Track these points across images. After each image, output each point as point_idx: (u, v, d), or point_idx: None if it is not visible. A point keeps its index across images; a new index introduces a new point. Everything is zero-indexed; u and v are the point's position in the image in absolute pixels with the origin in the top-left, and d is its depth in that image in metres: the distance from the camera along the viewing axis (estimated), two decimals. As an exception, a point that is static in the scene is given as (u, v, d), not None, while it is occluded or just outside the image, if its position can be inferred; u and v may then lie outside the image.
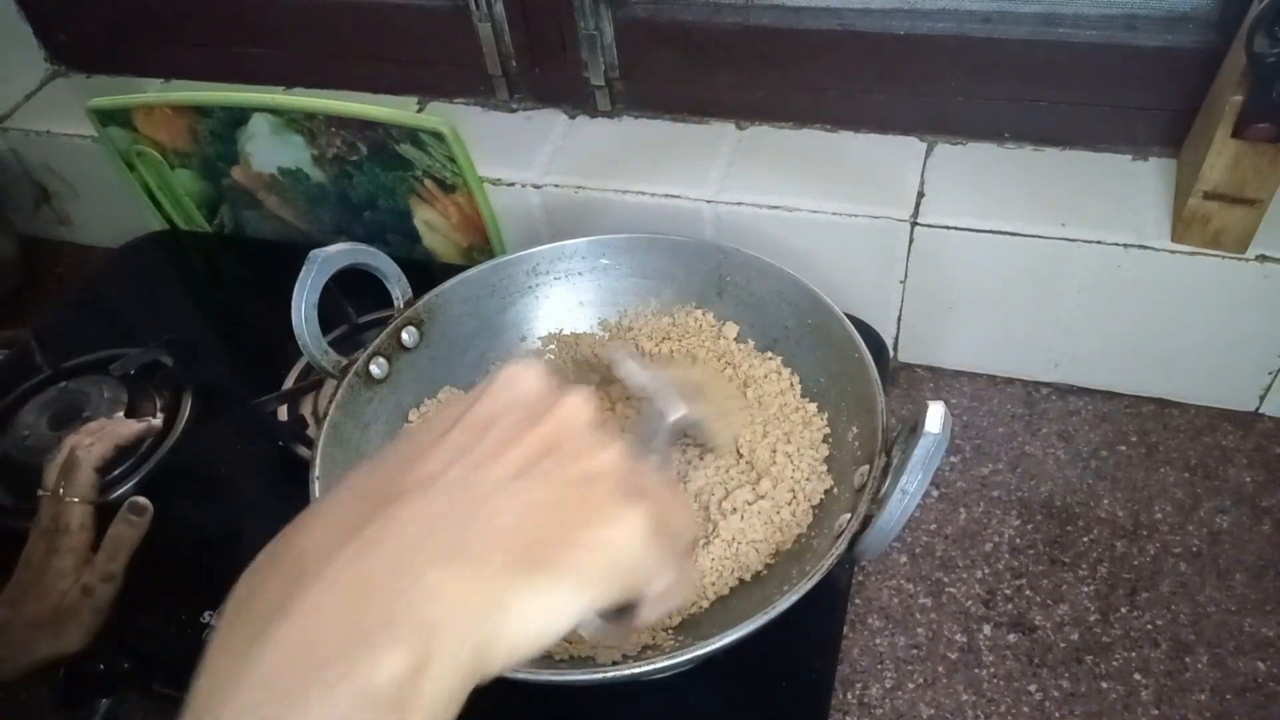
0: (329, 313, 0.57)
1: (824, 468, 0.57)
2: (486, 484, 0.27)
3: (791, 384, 0.61)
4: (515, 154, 0.75)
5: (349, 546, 0.25)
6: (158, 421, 0.69)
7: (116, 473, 0.65)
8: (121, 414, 0.69)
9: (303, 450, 0.67)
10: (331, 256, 0.56)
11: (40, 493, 0.59)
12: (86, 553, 0.57)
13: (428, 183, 0.74)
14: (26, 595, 0.55)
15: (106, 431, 0.64)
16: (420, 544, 0.25)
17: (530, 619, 0.25)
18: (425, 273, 0.64)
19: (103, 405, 0.69)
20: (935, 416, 0.43)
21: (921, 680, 0.56)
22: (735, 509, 0.55)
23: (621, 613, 0.29)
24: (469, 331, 0.64)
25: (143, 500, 0.59)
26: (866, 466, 0.50)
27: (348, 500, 0.27)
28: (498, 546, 0.25)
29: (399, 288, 0.61)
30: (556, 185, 0.72)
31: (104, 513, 0.59)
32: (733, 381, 0.61)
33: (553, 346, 0.65)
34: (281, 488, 0.66)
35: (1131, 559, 0.60)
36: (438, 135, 0.69)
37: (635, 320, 0.67)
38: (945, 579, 0.61)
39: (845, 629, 0.58)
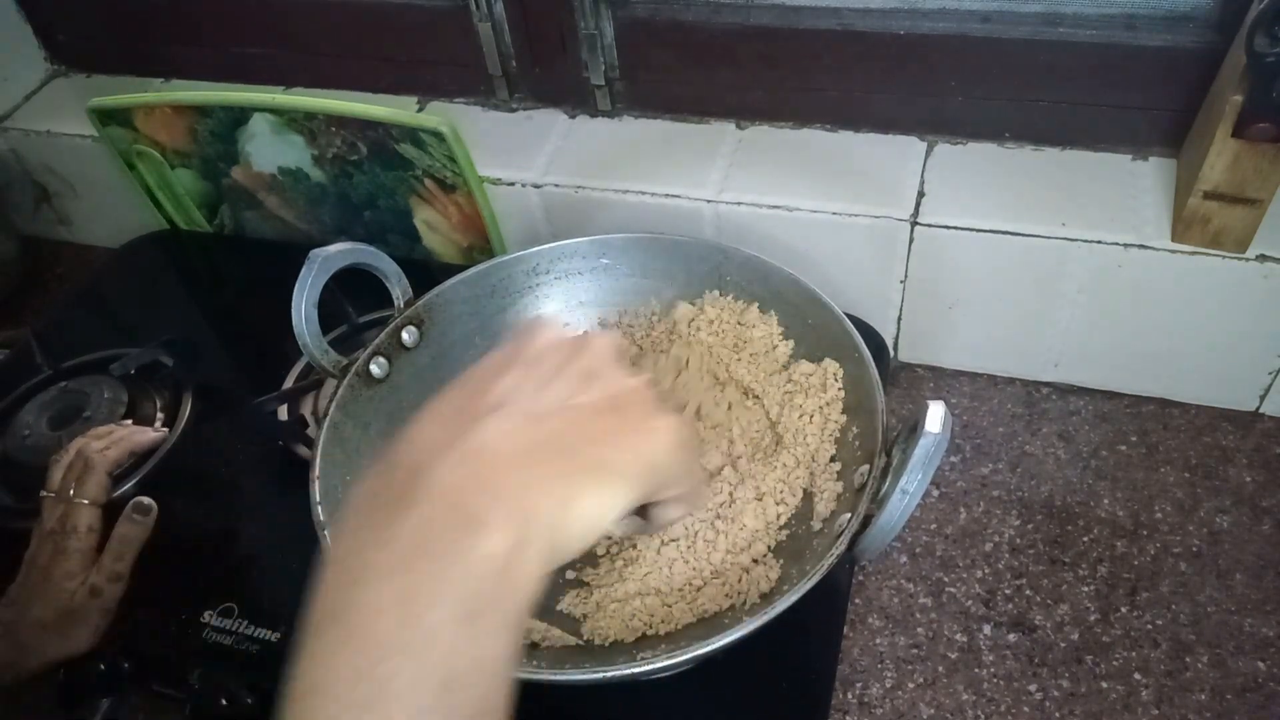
0: (329, 312, 0.57)
1: (824, 467, 0.57)
2: (546, 406, 0.33)
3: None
4: (515, 154, 0.75)
5: (450, 455, 0.30)
6: (167, 430, 0.68)
7: (117, 473, 0.65)
8: (124, 415, 0.69)
9: (303, 450, 0.67)
10: (331, 256, 0.56)
11: (44, 494, 0.59)
12: (93, 554, 0.57)
13: (428, 182, 0.74)
14: (33, 597, 0.55)
15: (120, 437, 0.64)
16: (507, 452, 0.30)
17: (592, 508, 0.31)
18: (425, 272, 0.64)
19: (103, 405, 0.69)
20: (935, 416, 0.43)
21: (921, 680, 0.56)
22: (740, 508, 0.56)
23: (645, 511, 0.36)
24: (469, 331, 0.64)
25: (147, 500, 0.59)
26: (866, 466, 0.50)
27: (438, 422, 0.32)
28: (563, 454, 0.31)
29: (399, 287, 0.61)
30: (556, 185, 0.72)
31: (106, 513, 0.59)
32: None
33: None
34: (281, 487, 0.66)
35: (1131, 559, 0.60)
36: (438, 135, 0.69)
37: (635, 320, 0.67)
38: (945, 579, 0.61)
39: (845, 629, 0.58)
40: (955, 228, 0.64)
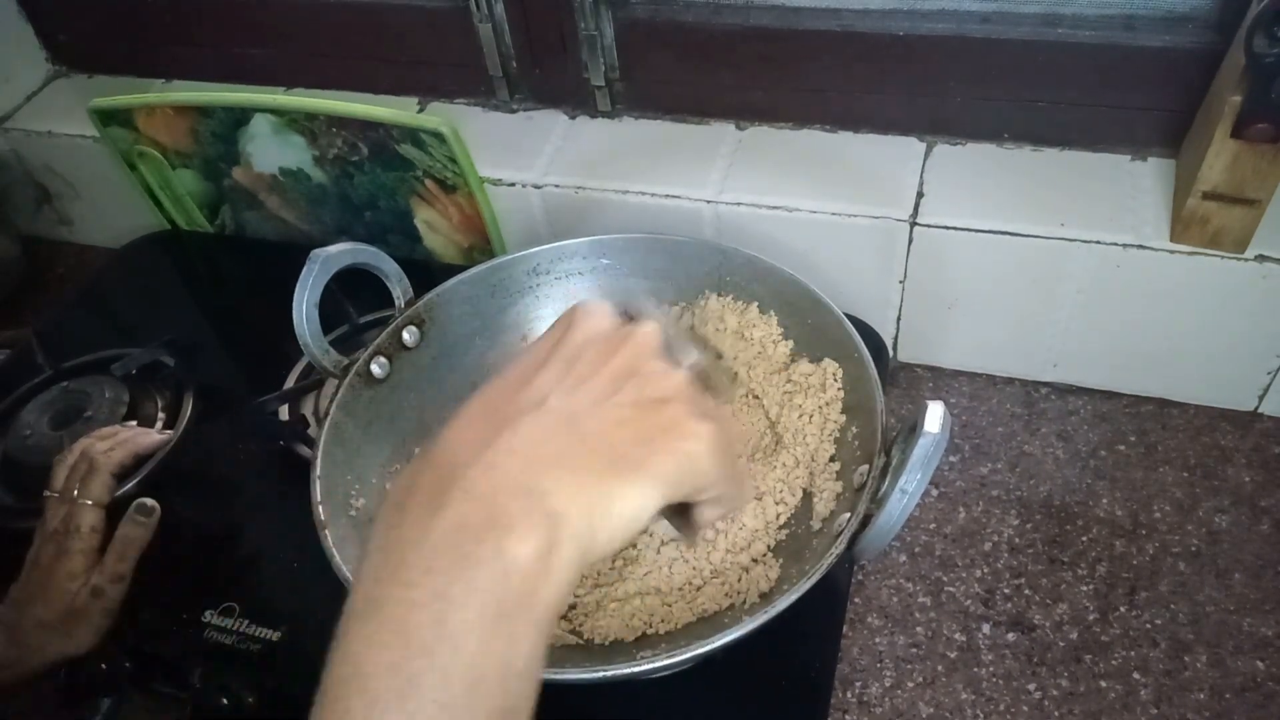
0: (330, 312, 0.57)
1: (824, 467, 0.57)
2: (583, 405, 0.33)
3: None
4: (516, 154, 0.75)
5: (486, 455, 0.30)
6: (172, 433, 0.68)
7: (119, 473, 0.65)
8: (125, 416, 0.69)
9: (304, 450, 0.67)
10: (332, 256, 0.56)
11: (47, 494, 0.59)
12: (95, 554, 0.57)
13: (428, 183, 0.74)
14: (36, 597, 0.55)
15: (124, 438, 0.64)
16: (541, 453, 0.31)
17: (625, 510, 0.31)
18: (426, 272, 0.64)
19: (104, 405, 0.69)
20: (934, 416, 0.44)
21: (921, 679, 0.56)
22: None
23: (685, 511, 0.36)
24: (470, 331, 0.64)
25: (150, 501, 0.60)
26: (866, 466, 0.51)
27: (474, 418, 0.33)
28: (598, 455, 0.31)
29: (400, 287, 0.62)
30: (557, 185, 0.72)
31: (109, 513, 0.60)
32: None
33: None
34: (282, 487, 0.66)
35: (1130, 558, 0.60)
36: (438, 135, 0.70)
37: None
38: (944, 578, 0.61)
39: (845, 628, 0.58)
40: (954, 228, 0.64)
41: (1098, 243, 0.61)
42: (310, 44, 0.82)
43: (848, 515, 0.48)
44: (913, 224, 0.65)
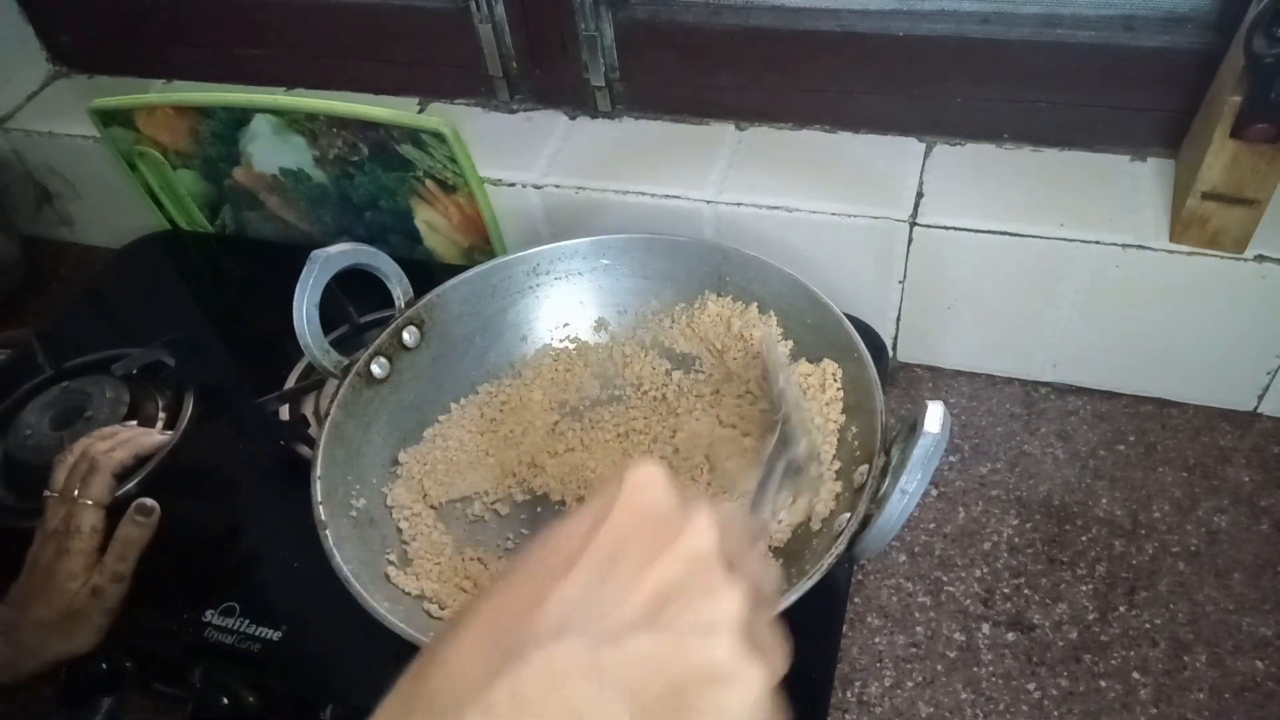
0: (330, 313, 0.57)
1: (823, 467, 0.57)
2: (610, 631, 0.27)
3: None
4: (516, 154, 0.75)
5: (487, 694, 0.25)
6: (173, 433, 0.68)
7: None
8: (125, 416, 0.69)
9: (304, 450, 0.67)
10: (333, 257, 0.56)
11: (48, 494, 0.59)
12: (95, 554, 0.57)
13: (429, 183, 0.75)
14: (36, 597, 0.55)
15: (125, 439, 0.64)
16: (548, 704, 0.25)
17: None
18: (426, 273, 0.64)
19: (105, 405, 0.69)
20: (934, 416, 0.44)
21: (920, 679, 0.56)
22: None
23: None
24: (470, 331, 0.64)
25: (150, 501, 0.60)
26: (866, 466, 0.51)
27: (479, 638, 0.27)
28: (623, 704, 0.26)
29: (400, 288, 0.62)
30: (557, 186, 0.72)
31: (109, 513, 0.60)
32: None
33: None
34: (283, 487, 0.66)
35: (1130, 558, 0.60)
36: (439, 136, 0.70)
37: (638, 320, 0.67)
38: (944, 578, 0.61)
39: (845, 628, 0.59)
40: (954, 228, 0.64)
41: (1097, 243, 0.61)
42: (311, 45, 0.82)
43: (848, 515, 0.48)
44: (912, 224, 0.65)
